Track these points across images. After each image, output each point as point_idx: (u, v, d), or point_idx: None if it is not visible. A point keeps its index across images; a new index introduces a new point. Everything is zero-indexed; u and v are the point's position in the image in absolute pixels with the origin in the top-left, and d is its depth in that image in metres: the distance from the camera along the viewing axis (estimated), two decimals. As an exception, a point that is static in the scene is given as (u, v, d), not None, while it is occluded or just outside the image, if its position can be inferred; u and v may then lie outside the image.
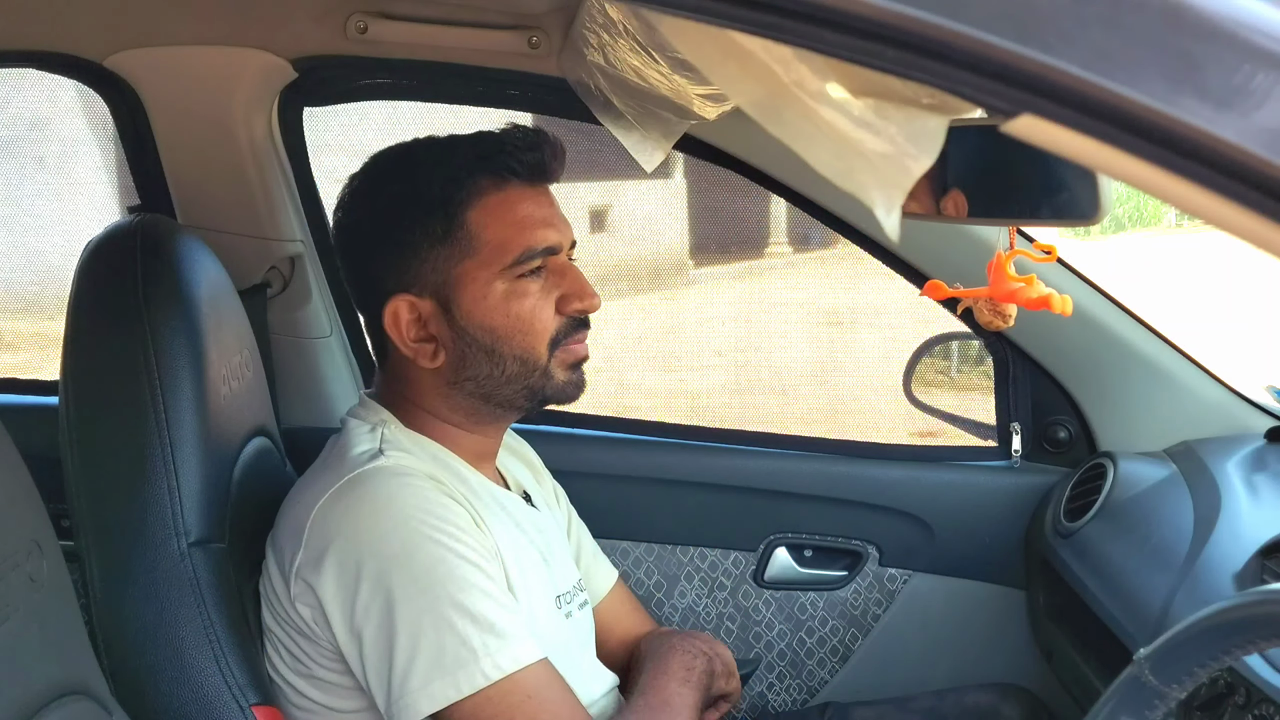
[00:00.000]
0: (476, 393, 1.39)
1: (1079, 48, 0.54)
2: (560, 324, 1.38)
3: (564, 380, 1.40)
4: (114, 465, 1.32)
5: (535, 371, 1.38)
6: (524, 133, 1.40)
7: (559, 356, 1.39)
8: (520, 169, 1.37)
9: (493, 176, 1.36)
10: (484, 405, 1.41)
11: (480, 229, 1.35)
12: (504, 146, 1.37)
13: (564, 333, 1.39)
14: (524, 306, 1.36)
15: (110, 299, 1.35)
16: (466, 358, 1.37)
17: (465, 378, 1.38)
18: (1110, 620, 1.49)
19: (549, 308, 1.38)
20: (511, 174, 1.37)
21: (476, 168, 1.37)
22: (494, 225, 1.36)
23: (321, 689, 1.32)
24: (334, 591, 1.25)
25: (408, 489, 1.27)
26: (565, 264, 1.41)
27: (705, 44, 0.69)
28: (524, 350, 1.37)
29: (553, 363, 1.38)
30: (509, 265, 1.35)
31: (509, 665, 1.22)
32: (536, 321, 1.37)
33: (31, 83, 3.03)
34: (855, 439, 2.11)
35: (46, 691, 1.01)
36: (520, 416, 1.46)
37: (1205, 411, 1.85)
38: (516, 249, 1.35)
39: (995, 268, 1.32)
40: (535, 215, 1.38)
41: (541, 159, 1.38)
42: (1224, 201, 0.56)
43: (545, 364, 1.38)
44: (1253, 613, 0.84)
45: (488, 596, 1.24)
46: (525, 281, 1.36)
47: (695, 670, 1.47)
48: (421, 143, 1.42)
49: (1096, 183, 1.12)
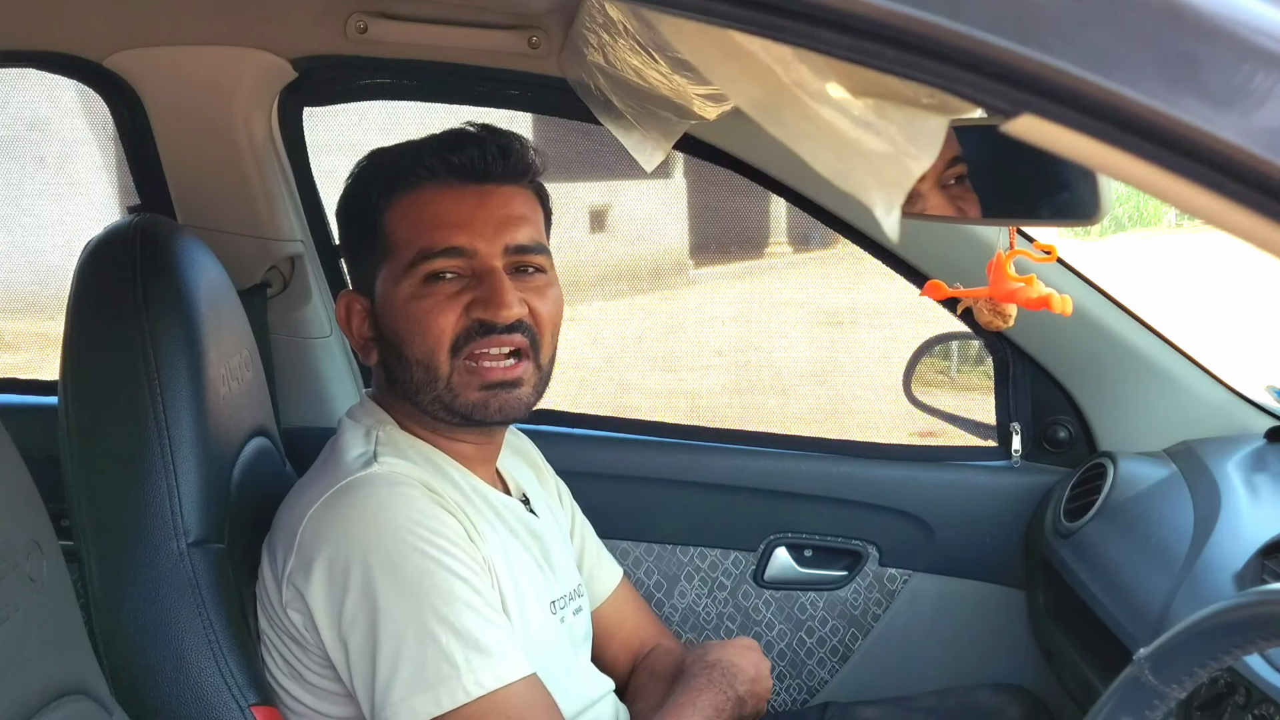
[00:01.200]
0: (405, 396, 1.37)
1: (1079, 48, 0.54)
2: (462, 328, 1.32)
3: (475, 400, 1.33)
4: (114, 465, 1.32)
5: (438, 381, 1.33)
6: (457, 132, 1.37)
7: (463, 373, 1.32)
8: (440, 168, 1.34)
9: (410, 177, 1.35)
10: (416, 411, 1.38)
11: (392, 230, 1.36)
12: (430, 147, 1.36)
13: (466, 339, 1.32)
14: (421, 309, 1.32)
15: (110, 299, 1.35)
16: (387, 359, 1.38)
17: (393, 379, 1.38)
18: (1110, 620, 1.49)
19: (451, 313, 1.32)
20: (429, 174, 1.34)
21: (398, 169, 1.36)
22: (402, 226, 1.35)
23: (314, 694, 1.32)
24: (322, 599, 1.24)
25: (399, 498, 1.27)
26: (487, 270, 1.33)
27: (705, 44, 0.69)
28: (423, 356, 1.33)
29: (456, 376, 1.32)
30: (409, 265, 1.33)
31: (491, 683, 1.20)
32: (433, 325, 1.31)
33: (31, 83, 3.03)
34: (855, 439, 2.11)
35: (46, 691, 1.01)
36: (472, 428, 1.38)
37: (1205, 411, 1.85)
38: (415, 248, 1.33)
39: (995, 268, 1.32)
40: (444, 215, 1.33)
41: (473, 158, 1.33)
42: (1224, 201, 0.56)
43: (447, 374, 1.32)
44: (1253, 613, 0.83)
45: (473, 611, 1.23)
46: (429, 285, 1.32)
47: (724, 712, 1.43)
48: (377, 151, 1.43)
49: (1096, 183, 1.12)
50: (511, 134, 1.38)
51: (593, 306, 5.05)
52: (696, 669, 1.48)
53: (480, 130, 1.38)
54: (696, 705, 1.41)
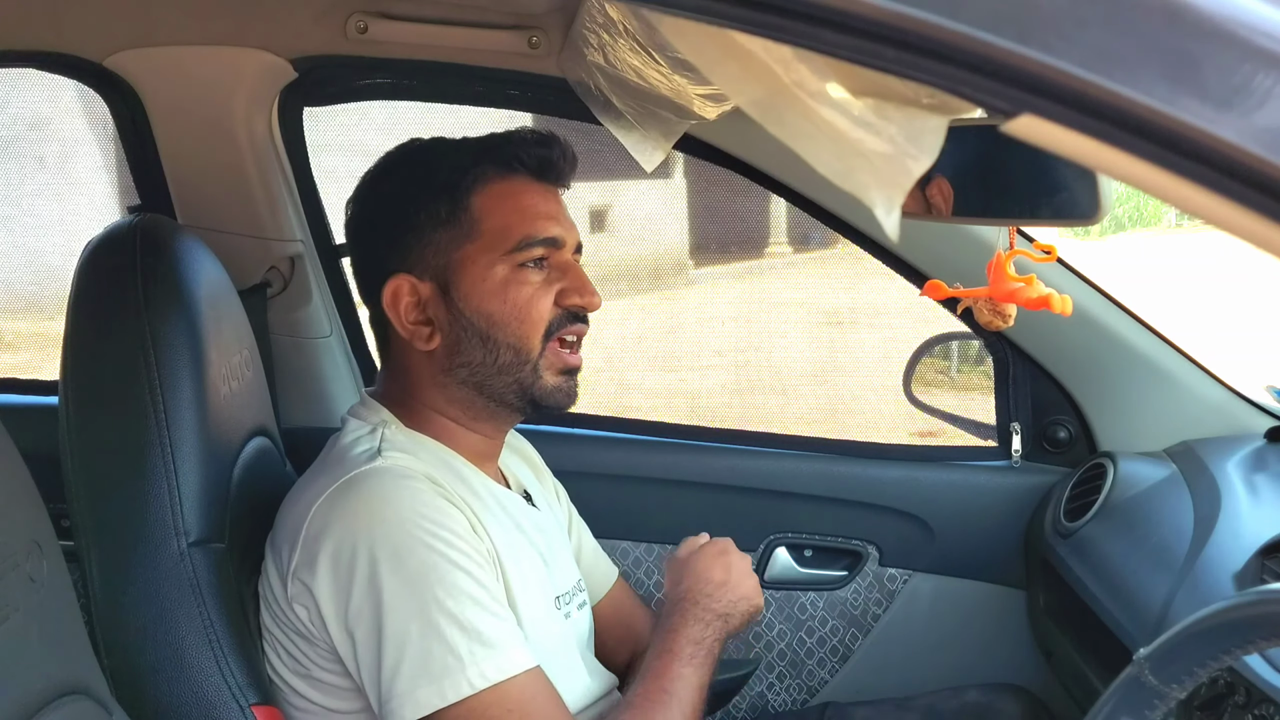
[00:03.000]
0: (469, 381, 1.39)
1: (1079, 48, 0.54)
2: (556, 316, 1.38)
3: (553, 384, 1.39)
4: (114, 465, 1.32)
5: (526, 364, 1.38)
6: (535, 131, 1.42)
7: (550, 357, 1.38)
8: (528, 161, 1.39)
9: (499, 165, 1.39)
10: (477, 397, 1.40)
11: (484, 214, 1.37)
12: (512, 140, 1.40)
13: (559, 325, 1.38)
14: (522, 294, 1.37)
15: (110, 299, 1.35)
16: (461, 342, 1.37)
17: (459, 364, 1.38)
18: (1110, 620, 1.49)
19: (547, 299, 1.38)
20: (519, 164, 1.39)
21: (484, 156, 1.40)
22: (498, 211, 1.37)
23: (320, 690, 1.32)
24: (329, 592, 1.24)
25: (404, 491, 1.27)
26: (569, 262, 1.41)
27: (705, 44, 0.69)
28: (518, 339, 1.37)
29: (544, 360, 1.38)
30: (510, 251, 1.36)
31: (495, 675, 1.21)
32: (533, 310, 1.37)
33: (31, 83, 3.03)
34: (855, 439, 2.11)
35: (46, 691, 1.01)
36: (515, 417, 1.45)
37: (1205, 411, 1.85)
38: (518, 235, 1.36)
39: (995, 268, 1.32)
40: (539, 207, 1.39)
41: (551, 156, 1.40)
42: (1224, 201, 0.56)
43: (537, 358, 1.37)
44: (1253, 613, 0.83)
45: (478, 604, 1.23)
46: (525, 270, 1.37)
47: (705, 644, 1.38)
48: (433, 139, 1.45)
49: (1096, 183, 1.12)
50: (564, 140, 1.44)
51: (593, 306, 5.04)
52: (667, 608, 1.44)
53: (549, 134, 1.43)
54: (674, 651, 1.35)
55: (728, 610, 1.43)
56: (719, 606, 1.42)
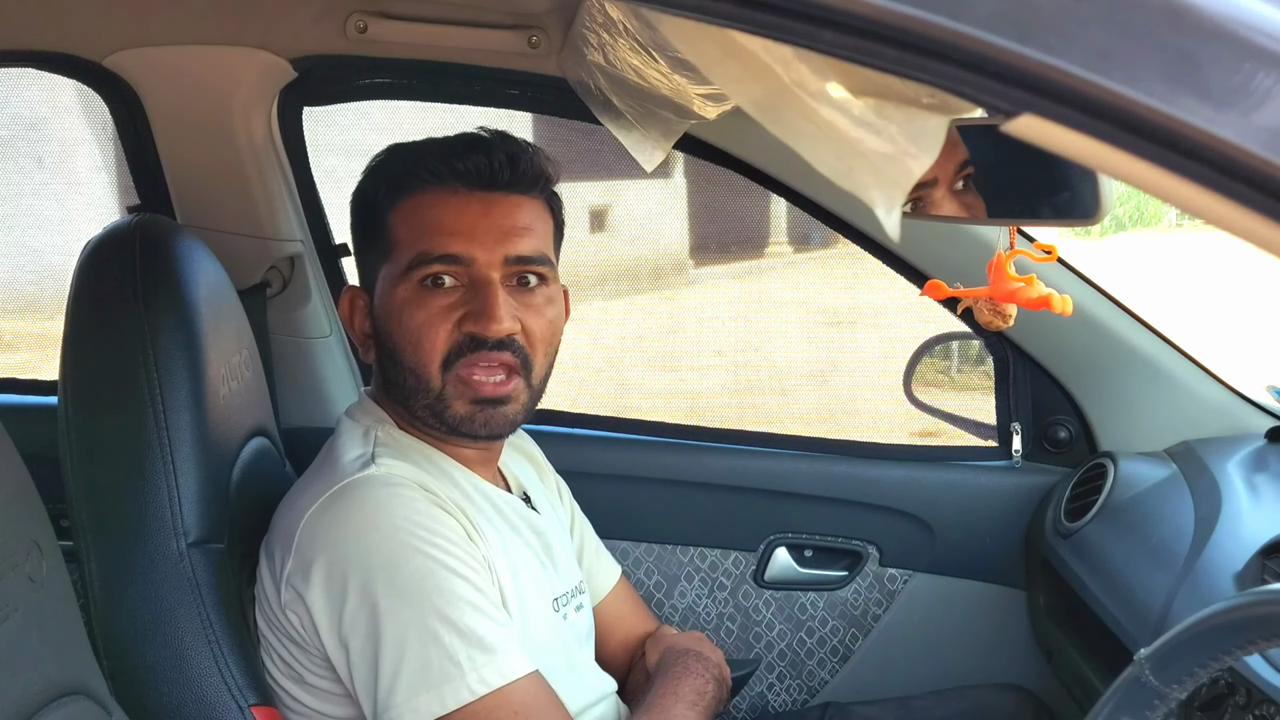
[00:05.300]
0: (399, 399, 1.36)
1: (1079, 48, 0.54)
2: (454, 343, 1.30)
3: (464, 413, 1.32)
4: (113, 465, 1.32)
5: (430, 393, 1.32)
6: (468, 137, 1.35)
7: (455, 385, 1.31)
8: (444, 173, 1.32)
9: (414, 179, 1.33)
10: (412, 417, 1.37)
11: (394, 231, 1.34)
12: (438, 150, 1.34)
13: (457, 354, 1.30)
14: (415, 319, 1.30)
15: (109, 299, 1.35)
16: (383, 360, 1.38)
17: (388, 380, 1.38)
18: (1110, 620, 1.49)
19: (445, 325, 1.30)
20: (433, 177, 1.32)
21: (404, 170, 1.35)
22: (404, 228, 1.34)
23: (314, 695, 1.32)
24: (322, 602, 1.24)
25: (397, 499, 1.26)
26: (483, 280, 1.31)
27: (705, 44, 0.69)
28: (415, 365, 1.32)
29: (448, 388, 1.31)
30: (405, 269, 1.32)
31: (495, 680, 1.20)
32: (425, 339, 1.30)
33: (31, 83, 3.03)
34: (855, 439, 2.11)
35: (46, 691, 1.01)
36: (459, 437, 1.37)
37: (1205, 411, 1.85)
38: (412, 252, 1.31)
39: (995, 268, 1.32)
40: (445, 221, 1.31)
41: (479, 165, 1.31)
42: (1224, 201, 0.56)
43: (439, 387, 1.31)
44: (1253, 613, 0.83)
45: (476, 610, 1.22)
46: (426, 292, 1.31)
47: (706, 696, 1.44)
48: (398, 144, 1.42)
49: (1097, 182, 1.12)
50: (524, 143, 1.36)
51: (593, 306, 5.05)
52: (671, 658, 1.50)
53: (492, 136, 1.35)
54: (679, 694, 1.42)
55: (719, 679, 1.50)
56: (714, 673, 1.49)
